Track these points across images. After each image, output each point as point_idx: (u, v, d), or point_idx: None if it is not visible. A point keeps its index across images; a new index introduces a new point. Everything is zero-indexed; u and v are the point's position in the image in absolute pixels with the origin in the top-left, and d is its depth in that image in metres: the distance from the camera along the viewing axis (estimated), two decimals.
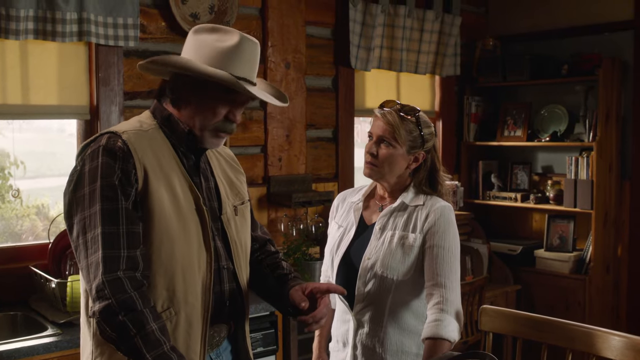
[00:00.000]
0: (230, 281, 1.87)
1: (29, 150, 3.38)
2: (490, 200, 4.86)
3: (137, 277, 1.65)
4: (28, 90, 3.09)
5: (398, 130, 2.16)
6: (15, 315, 2.89)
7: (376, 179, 2.24)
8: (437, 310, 2.04)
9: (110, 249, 1.62)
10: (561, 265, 4.45)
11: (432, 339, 2.01)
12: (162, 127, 1.81)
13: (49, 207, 3.50)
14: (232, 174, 2.00)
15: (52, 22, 2.96)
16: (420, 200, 2.21)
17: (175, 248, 1.72)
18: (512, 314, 2.35)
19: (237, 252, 1.90)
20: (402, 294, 2.16)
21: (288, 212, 3.86)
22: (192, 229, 1.76)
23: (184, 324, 1.75)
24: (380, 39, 4.24)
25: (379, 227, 2.21)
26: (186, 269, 1.75)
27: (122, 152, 1.68)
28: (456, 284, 2.10)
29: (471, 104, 4.90)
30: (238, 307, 1.91)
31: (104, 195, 1.64)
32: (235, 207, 1.94)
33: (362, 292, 2.17)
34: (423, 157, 2.22)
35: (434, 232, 2.13)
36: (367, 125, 4.95)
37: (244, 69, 1.76)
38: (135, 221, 1.67)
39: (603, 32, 4.48)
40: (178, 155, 1.81)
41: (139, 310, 1.61)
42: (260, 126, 3.81)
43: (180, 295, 1.74)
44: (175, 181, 1.76)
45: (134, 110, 3.30)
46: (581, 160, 4.37)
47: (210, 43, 1.75)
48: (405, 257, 2.14)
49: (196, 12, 3.48)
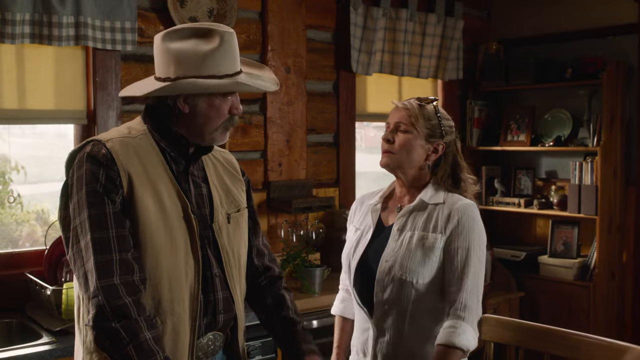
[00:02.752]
0: (222, 289, 1.84)
1: (31, 155, 3.37)
2: (493, 206, 4.82)
3: (134, 282, 1.63)
4: (24, 95, 3.06)
5: (415, 116, 2.09)
6: (11, 322, 2.87)
7: (393, 168, 2.13)
8: (455, 317, 1.97)
9: (101, 254, 1.62)
10: (565, 272, 4.41)
11: (444, 346, 1.94)
12: (153, 132, 1.80)
13: (49, 212, 3.49)
14: (229, 181, 1.97)
15: (49, 26, 2.94)
16: (440, 197, 2.10)
17: (160, 256, 1.71)
18: (514, 323, 2.30)
19: (228, 260, 1.87)
20: (423, 298, 2.04)
21: (288, 218, 3.82)
22: (179, 237, 1.75)
23: (170, 333, 1.73)
24: (382, 42, 4.21)
25: (397, 227, 2.11)
26: (172, 278, 1.73)
27: (106, 159, 1.68)
28: (478, 289, 2.01)
29: (474, 109, 4.86)
30: (232, 316, 1.88)
31: (89, 202, 1.65)
32: (229, 215, 1.90)
33: (380, 297, 2.07)
34: (443, 149, 2.13)
35: (458, 233, 2.02)
36: (369, 130, 4.92)
37: (234, 63, 1.77)
38: (125, 224, 1.67)
39: (607, 36, 4.45)
40: (167, 160, 1.79)
41: (133, 319, 1.60)
42: (260, 131, 3.77)
43: (166, 305, 1.72)
44: (162, 188, 1.74)
45: (132, 115, 3.26)
46: (585, 165, 4.33)
47: (191, 50, 1.72)
48: (425, 258, 2.03)
49: (195, 15, 3.45)
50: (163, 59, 1.76)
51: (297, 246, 3.64)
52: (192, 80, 1.71)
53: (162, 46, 1.76)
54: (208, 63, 1.72)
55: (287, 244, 3.70)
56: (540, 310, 4.50)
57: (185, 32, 1.75)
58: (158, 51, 1.78)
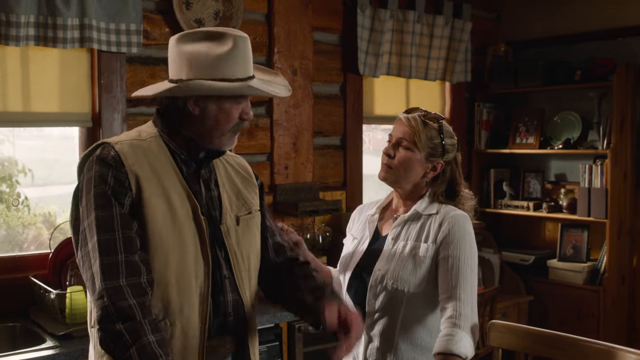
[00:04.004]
0: (232, 291, 1.84)
1: (38, 158, 3.36)
2: (502, 209, 4.79)
3: (141, 284, 1.63)
4: (29, 98, 3.05)
5: (418, 134, 2.11)
6: (15, 326, 2.86)
7: (390, 182, 2.18)
8: (450, 325, 1.97)
9: (107, 255, 1.62)
10: (575, 276, 4.37)
11: (442, 354, 1.94)
12: (163, 134, 1.80)
13: (55, 215, 3.49)
14: (240, 184, 1.96)
15: (53, 28, 2.92)
16: (434, 208, 2.14)
17: (169, 258, 1.71)
18: (522, 329, 2.27)
19: (236, 262, 1.86)
20: (414, 307, 2.08)
21: (295, 221, 3.80)
22: (188, 238, 1.75)
23: (179, 335, 1.72)
24: (389, 44, 4.19)
25: (392, 237, 2.16)
26: (181, 279, 1.72)
27: (114, 160, 1.70)
28: (472, 296, 2.02)
29: (482, 111, 4.84)
30: (241, 320, 1.87)
31: (97, 204, 1.66)
32: (238, 217, 1.89)
33: (372, 305, 2.11)
34: (442, 168, 2.16)
35: (449, 242, 2.06)
36: (377, 133, 4.89)
37: (247, 68, 1.77)
38: (132, 226, 1.67)
39: (617, 37, 4.42)
40: (177, 162, 1.79)
41: (138, 321, 1.59)
42: (266, 133, 3.75)
43: (175, 306, 1.72)
44: (172, 190, 1.75)
45: (137, 118, 3.26)
46: (595, 168, 4.30)
47: (204, 53, 1.73)
48: (416, 268, 2.07)
49: (201, 17, 3.43)
50: (176, 61, 1.77)
51: None
52: (203, 82, 1.71)
53: (176, 48, 1.77)
54: (220, 66, 1.72)
55: None
56: (549, 314, 4.47)
57: (199, 35, 1.75)
58: (172, 53, 1.79)
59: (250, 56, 1.79)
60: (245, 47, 1.77)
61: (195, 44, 1.73)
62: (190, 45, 1.74)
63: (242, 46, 1.75)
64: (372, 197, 4.25)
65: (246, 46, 1.77)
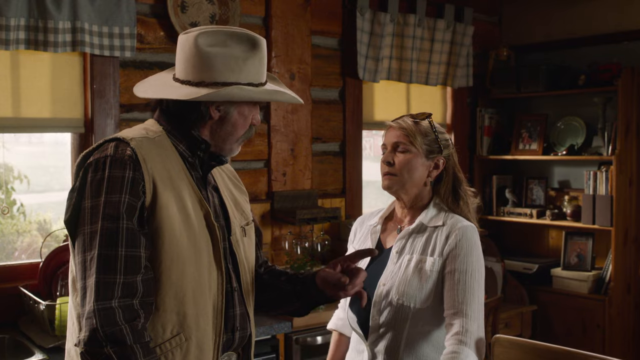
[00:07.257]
0: (240, 305, 1.77)
1: (33, 164, 3.31)
2: (504, 217, 4.74)
3: (133, 306, 1.52)
4: (19, 103, 2.99)
5: (413, 133, 2.07)
6: (3, 338, 2.80)
7: (396, 190, 2.10)
8: (455, 342, 1.91)
9: (105, 273, 1.51)
10: (579, 285, 4.31)
11: None
12: (170, 135, 1.70)
13: (51, 222, 3.44)
14: (236, 193, 1.90)
15: (45, 32, 2.87)
16: (440, 220, 2.07)
17: (186, 268, 1.62)
18: (528, 344, 2.20)
19: (245, 274, 1.80)
20: (420, 323, 2.01)
21: (293, 229, 3.73)
22: (202, 246, 1.66)
23: (195, 350, 1.64)
24: (389, 49, 4.13)
25: (396, 250, 2.09)
26: (197, 291, 1.64)
27: (132, 160, 1.57)
28: (478, 313, 1.96)
29: (484, 117, 4.79)
30: (246, 334, 1.80)
31: (105, 213, 1.53)
32: (243, 228, 1.84)
33: (377, 320, 2.04)
34: (444, 164, 2.10)
35: (455, 255, 1.99)
36: (377, 139, 4.82)
37: (263, 73, 1.72)
38: (138, 243, 1.55)
39: (622, 41, 4.37)
40: (186, 165, 1.70)
41: (128, 345, 1.49)
42: (263, 140, 3.68)
43: (191, 320, 1.63)
44: (185, 193, 1.65)
45: (130, 123, 3.19)
46: (600, 174, 4.25)
47: (230, 54, 1.65)
48: (422, 283, 1.99)
49: (196, 21, 3.36)
50: (194, 61, 1.66)
51: (301, 259, 3.55)
52: (242, 87, 1.64)
53: (195, 48, 1.66)
54: (246, 69, 1.66)
55: (291, 256, 3.62)
56: (553, 324, 4.40)
57: (221, 35, 1.66)
58: (187, 52, 1.67)
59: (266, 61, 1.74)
60: (265, 50, 1.71)
61: (218, 44, 1.65)
62: (211, 45, 1.65)
63: (263, 49, 1.70)
64: (372, 204, 4.19)
65: (265, 49, 1.71)
